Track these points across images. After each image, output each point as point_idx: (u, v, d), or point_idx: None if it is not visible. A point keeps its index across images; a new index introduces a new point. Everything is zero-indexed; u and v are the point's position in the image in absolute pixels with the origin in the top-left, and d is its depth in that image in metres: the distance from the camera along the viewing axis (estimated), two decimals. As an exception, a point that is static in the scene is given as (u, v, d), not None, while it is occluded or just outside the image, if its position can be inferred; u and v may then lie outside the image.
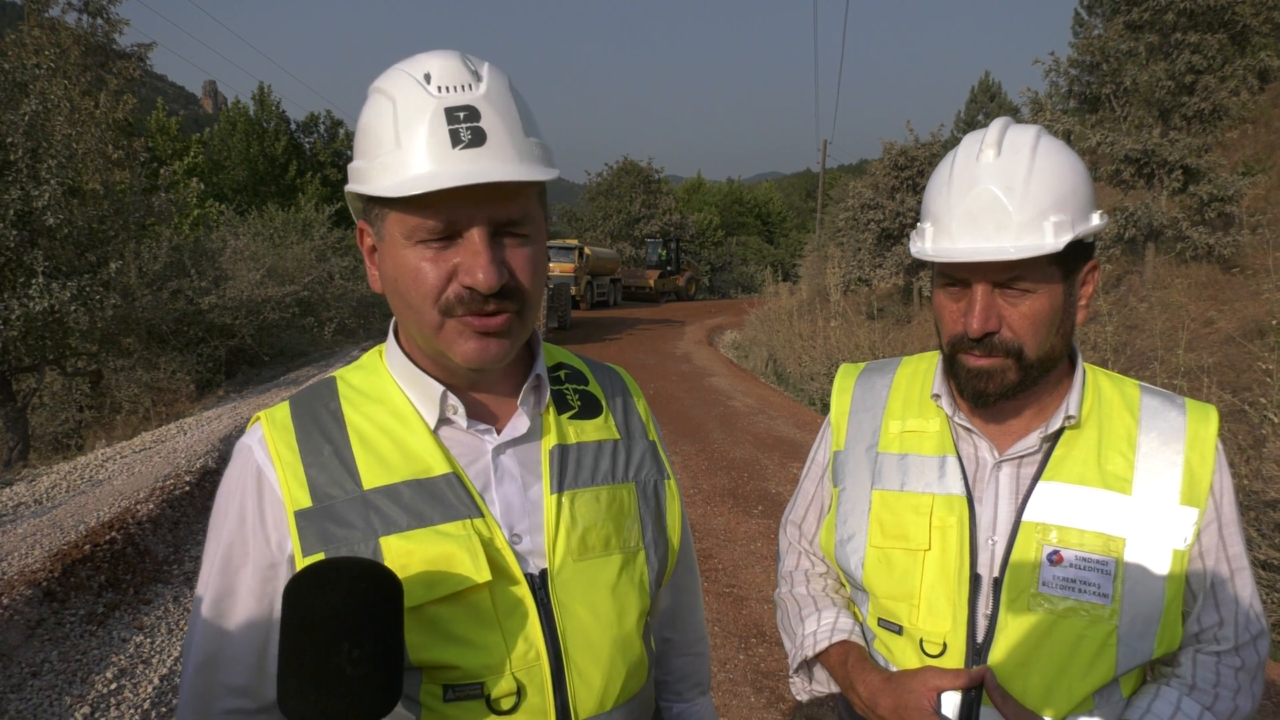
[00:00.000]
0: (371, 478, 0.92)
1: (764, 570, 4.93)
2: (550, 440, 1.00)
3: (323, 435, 0.95)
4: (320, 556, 0.88)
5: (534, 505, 0.97)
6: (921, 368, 1.31)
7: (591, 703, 0.95)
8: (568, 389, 1.07)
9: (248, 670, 0.94)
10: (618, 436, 1.08)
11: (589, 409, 1.07)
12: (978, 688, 1.09)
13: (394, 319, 1.00)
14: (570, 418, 1.04)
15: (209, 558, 0.96)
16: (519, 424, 0.99)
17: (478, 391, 0.99)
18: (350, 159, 0.93)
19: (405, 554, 0.89)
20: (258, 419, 0.98)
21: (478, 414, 0.98)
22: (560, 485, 0.98)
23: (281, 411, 0.98)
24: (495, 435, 0.98)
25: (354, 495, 0.91)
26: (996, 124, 1.11)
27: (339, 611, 0.71)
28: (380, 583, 0.75)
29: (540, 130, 0.92)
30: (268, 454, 0.94)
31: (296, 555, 0.90)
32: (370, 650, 0.72)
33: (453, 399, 0.96)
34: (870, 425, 1.29)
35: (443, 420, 0.96)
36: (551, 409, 1.02)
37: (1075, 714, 1.10)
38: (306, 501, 0.91)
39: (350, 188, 0.91)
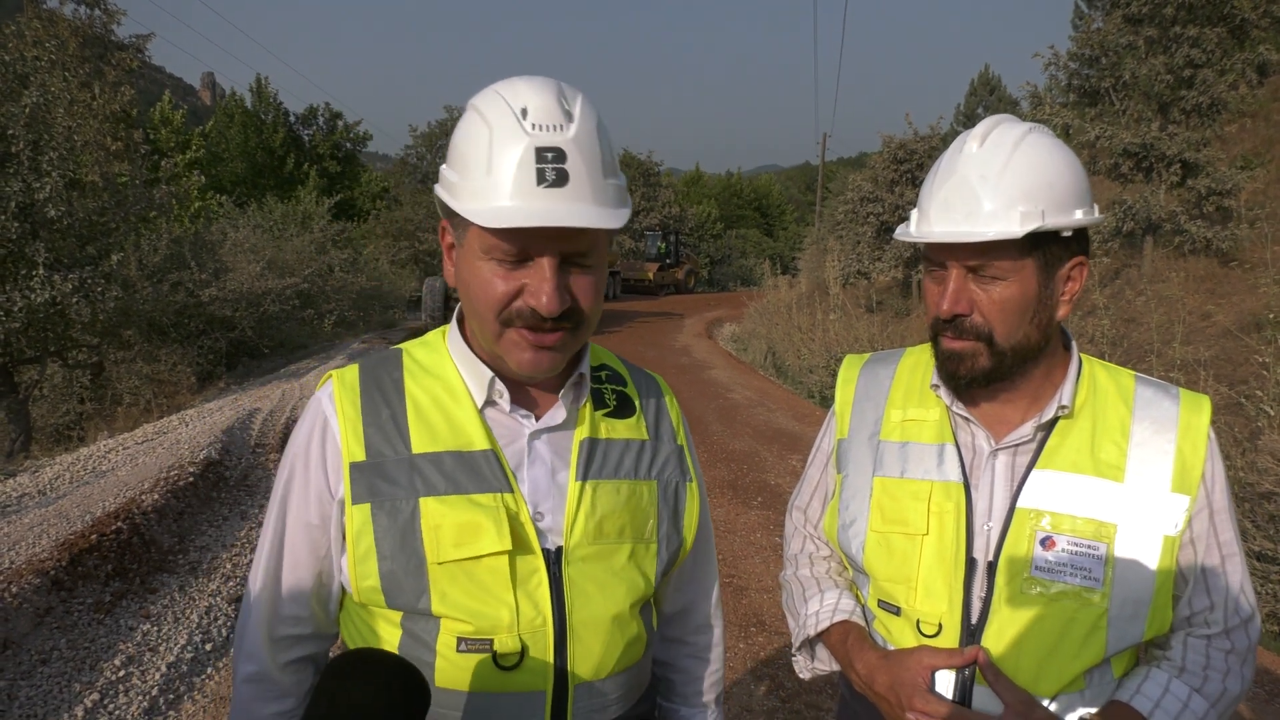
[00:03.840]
0: (420, 444, 1.03)
1: (763, 561, 4.97)
2: (583, 432, 1.09)
3: (384, 400, 1.06)
4: (366, 506, 1.00)
5: (559, 489, 1.06)
6: (923, 359, 1.34)
7: (589, 669, 1.04)
8: (606, 389, 1.16)
9: (303, 599, 1.07)
10: (646, 437, 1.16)
11: (623, 409, 1.16)
12: (971, 666, 1.14)
13: (459, 307, 1.11)
14: (605, 415, 1.13)
15: (275, 495, 1.08)
16: (556, 414, 1.08)
17: (524, 381, 1.07)
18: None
19: (439, 515, 0.99)
20: (329, 377, 1.09)
21: (521, 400, 1.08)
22: (585, 474, 1.07)
23: (351, 374, 1.09)
24: (533, 421, 1.07)
25: (403, 457, 1.02)
26: (987, 120, 1.15)
27: (366, 704, 0.76)
28: (411, 685, 0.79)
29: (618, 169, 1.00)
30: (335, 408, 1.05)
31: (346, 501, 1.01)
32: None
33: (500, 384, 1.05)
34: (873, 414, 1.32)
35: (489, 401, 1.06)
36: (589, 405, 1.10)
37: (1066, 693, 1.13)
38: (361, 455, 1.02)
39: (440, 193, 0.99)
